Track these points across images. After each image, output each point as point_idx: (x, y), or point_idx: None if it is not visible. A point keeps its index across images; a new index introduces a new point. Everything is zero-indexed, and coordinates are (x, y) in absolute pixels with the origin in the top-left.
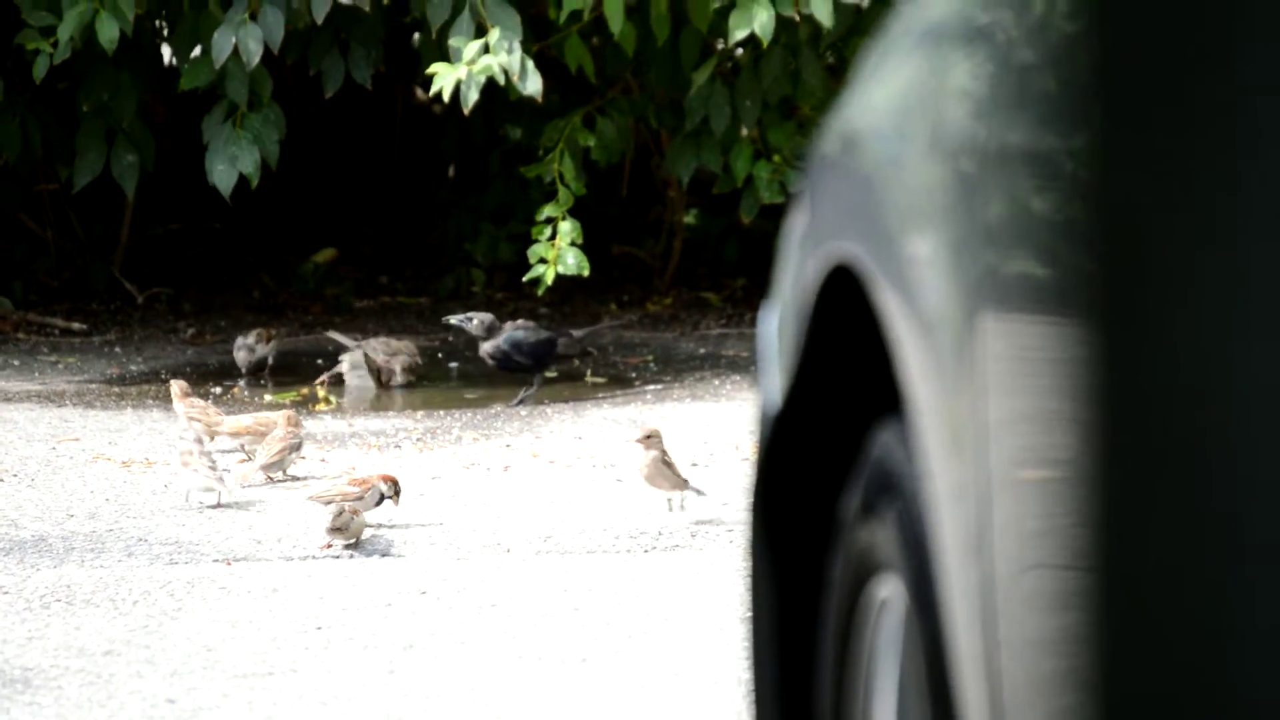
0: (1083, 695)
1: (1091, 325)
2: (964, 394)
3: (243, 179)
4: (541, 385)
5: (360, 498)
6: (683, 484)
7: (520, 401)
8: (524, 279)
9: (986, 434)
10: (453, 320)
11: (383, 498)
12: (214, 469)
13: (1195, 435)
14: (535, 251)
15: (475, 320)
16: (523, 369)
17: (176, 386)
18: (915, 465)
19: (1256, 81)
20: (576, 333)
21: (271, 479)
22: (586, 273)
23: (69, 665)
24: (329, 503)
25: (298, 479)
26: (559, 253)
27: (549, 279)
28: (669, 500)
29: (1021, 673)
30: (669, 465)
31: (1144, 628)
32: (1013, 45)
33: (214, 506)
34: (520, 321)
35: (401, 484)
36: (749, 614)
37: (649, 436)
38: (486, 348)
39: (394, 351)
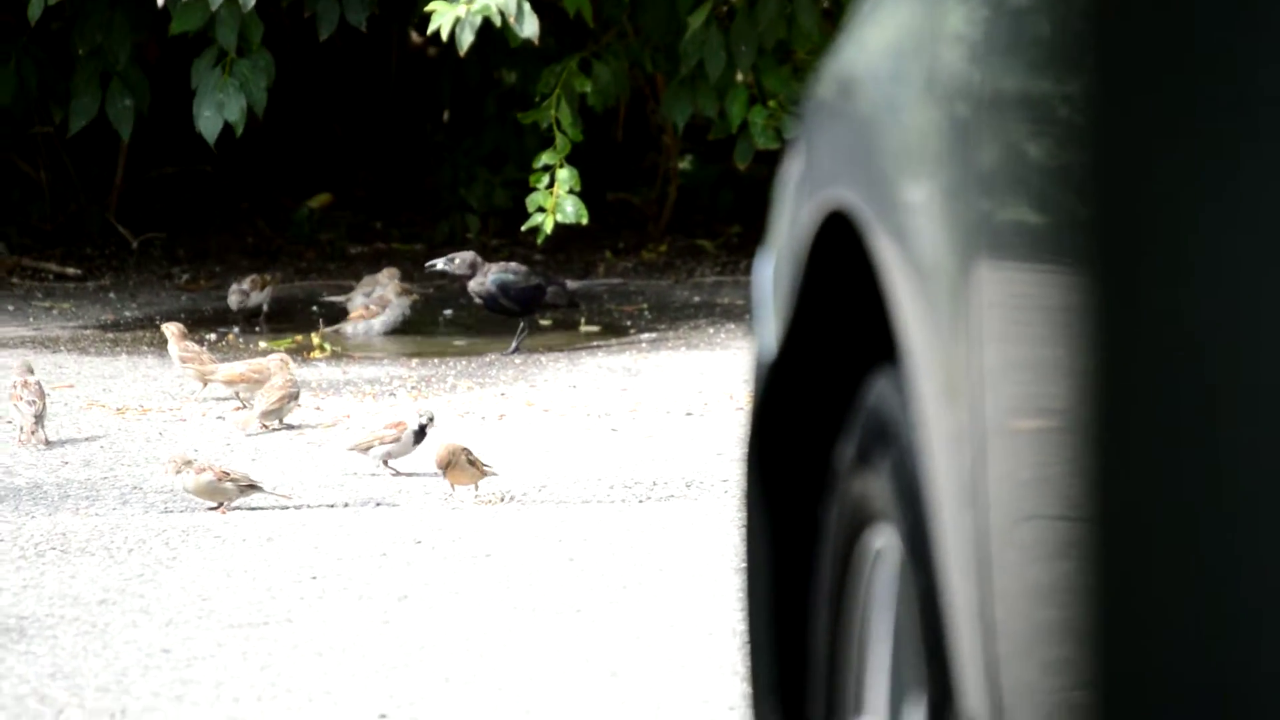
0: (1077, 645)
1: (1087, 272)
2: (959, 342)
3: (228, 126)
4: (531, 331)
5: (397, 439)
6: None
7: (514, 350)
8: (522, 228)
9: (982, 382)
10: (438, 265)
11: (422, 431)
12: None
13: (1191, 383)
14: (533, 200)
15: (458, 260)
16: (509, 312)
17: (174, 328)
18: (910, 414)
19: (1252, 27)
20: (571, 284)
21: (267, 426)
22: (585, 221)
23: (64, 614)
24: (368, 449)
25: (293, 427)
26: (557, 201)
27: (548, 228)
28: (472, 489)
29: (1016, 623)
30: (473, 463)
31: (1139, 578)
32: None
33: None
34: (510, 265)
35: (435, 412)
36: (744, 564)
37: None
38: (473, 286)
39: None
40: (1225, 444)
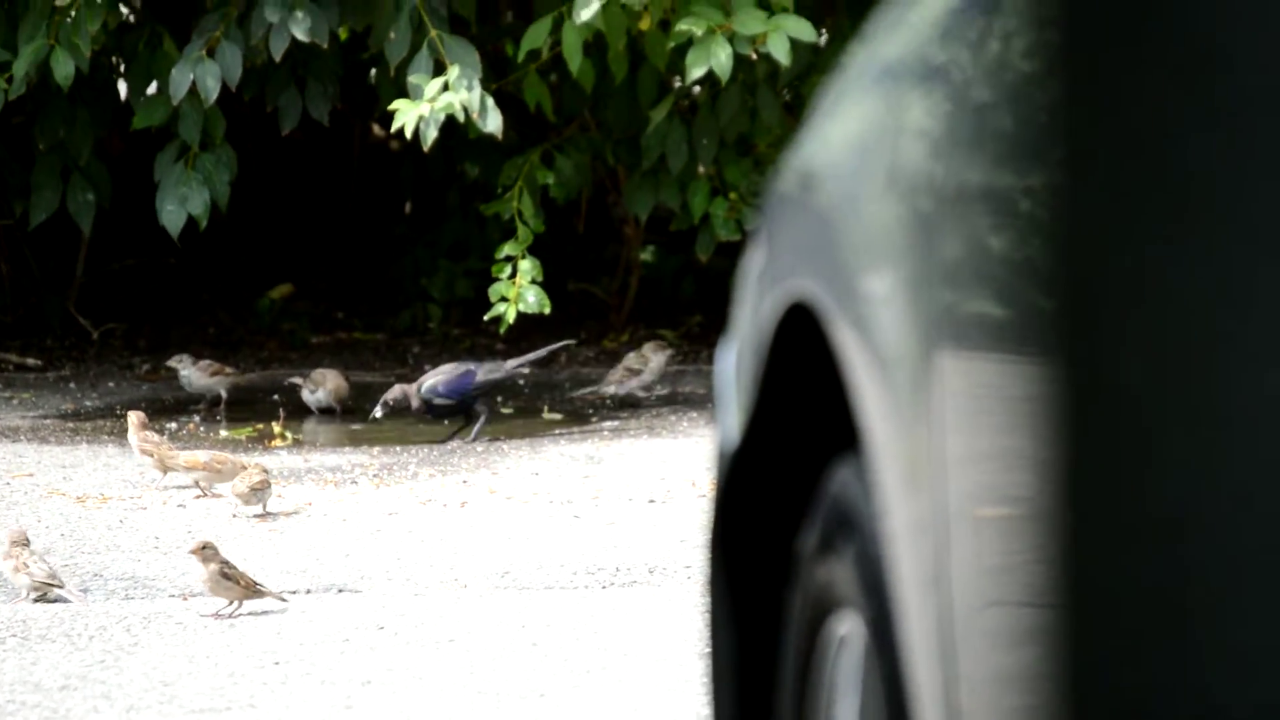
0: None
1: (1049, 363)
2: (921, 431)
3: (192, 220)
4: (488, 417)
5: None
6: (250, 591)
7: (474, 438)
8: (485, 317)
9: (944, 471)
10: (378, 414)
11: None
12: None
13: (1154, 473)
14: (496, 290)
15: (390, 400)
16: (455, 410)
17: (135, 417)
18: (873, 502)
19: (1219, 119)
20: (510, 362)
21: (249, 504)
22: (547, 310)
23: (25, 700)
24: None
25: (272, 514)
26: (519, 291)
27: (510, 318)
28: (230, 604)
29: (981, 709)
30: (229, 577)
31: (1103, 665)
32: (970, 83)
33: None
34: (439, 369)
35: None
36: (707, 650)
37: (204, 548)
38: (415, 408)
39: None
40: (1191, 534)
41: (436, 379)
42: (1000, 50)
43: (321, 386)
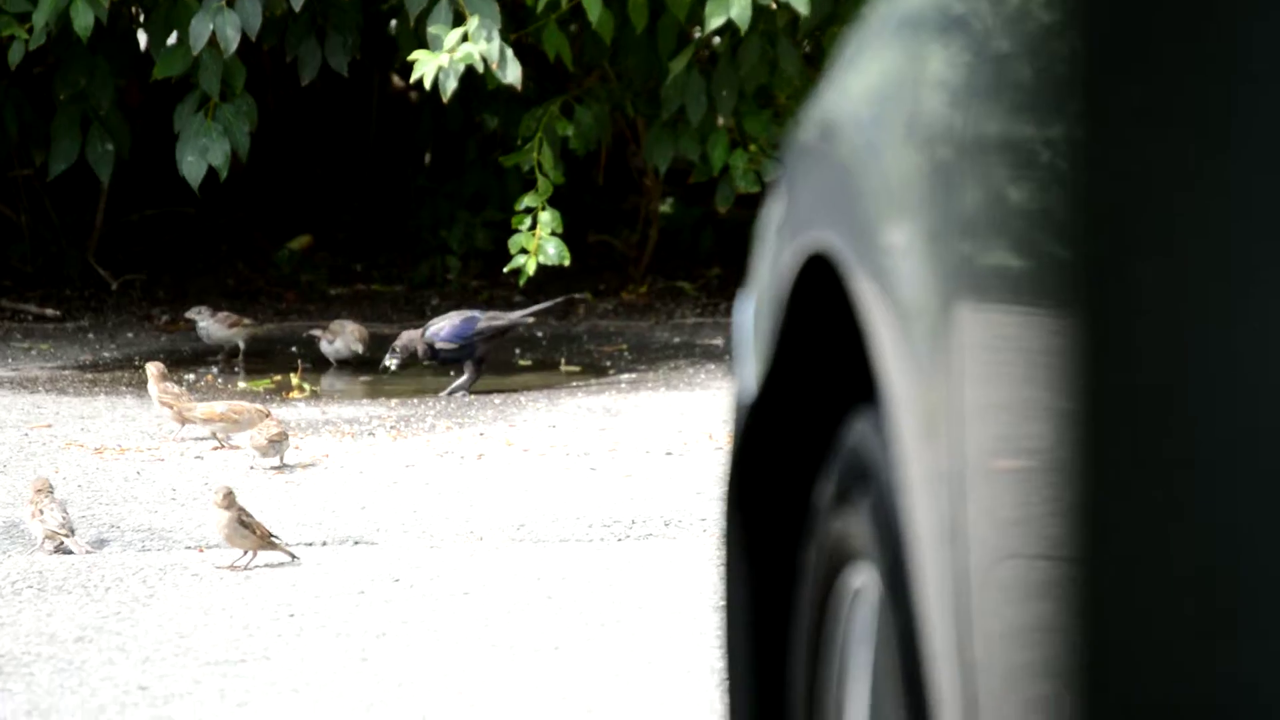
0: (1057, 685)
1: (1068, 314)
2: (939, 382)
3: (212, 170)
4: (481, 370)
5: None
6: (264, 542)
7: (452, 390)
8: (505, 269)
9: (962, 422)
10: (390, 364)
11: None
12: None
13: (1172, 424)
14: (516, 242)
15: (398, 347)
16: (459, 355)
17: (154, 368)
18: (890, 454)
19: (1237, 70)
20: (516, 312)
21: (266, 456)
22: (567, 262)
23: (40, 652)
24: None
25: (289, 467)
26: (539, 243)
27: (530, 269)
28: (245, 554)
29: (996, 663)
30: (246, 525)
31: (1120, 618)
32: (990, 34)
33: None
34: (444, 316)
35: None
36: (722, 603)
37: (226, 494)
38: (421, 353)
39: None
40: (1209, 485)
41: (441, 325)
42: (1020, 0)
43: (340, 336)
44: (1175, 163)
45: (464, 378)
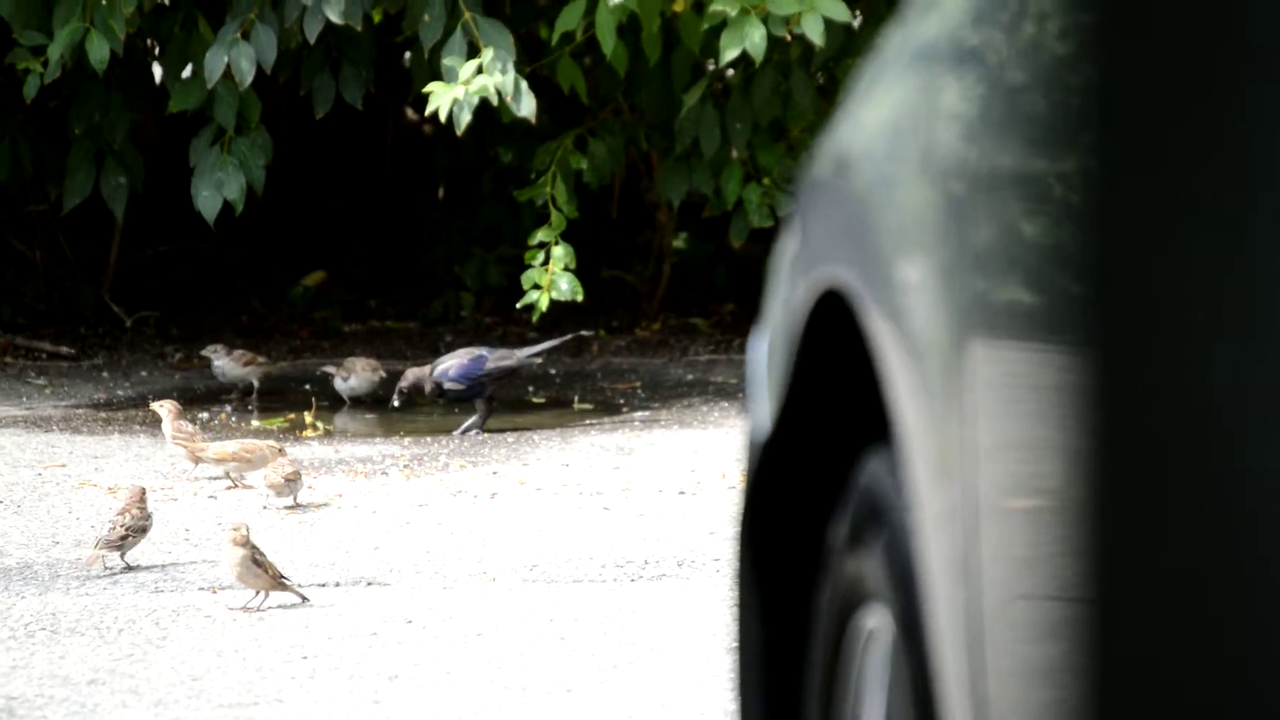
0: None
1: (1081, 352)
2: (953, 421)
3: (228, 205)
4: (492, 408)
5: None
6: (275, 583)
7: (465, 430)
8: (518, 305)
9: (975, 461)
10: (396, 403)
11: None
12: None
13: (1184, 464)
14: (529, 277)
15: (406, 386)
16: (466, 395)
17: (169, 406)
18: (903, 494)
19: (1247, 105)
20: (523, 351)
21: (281, 495)
22: (580, 298)
23: (53, 694)
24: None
25: (302, 506)
26: (552, 278)
27: (543, 305)
28: (257, 595)
29: (1008, 702)
30: (259, 564)
31: (1132, 658)
32: (1004, 67)
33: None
34: (454, 353)
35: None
36: (736, 644)
37: (240, 532)
38: (428, 391)
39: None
40: (1223, 527)
41: (449, 364)
42: (1034, 33)
43: (353, 373)
44: (1190, 197)
45: (475, 416)
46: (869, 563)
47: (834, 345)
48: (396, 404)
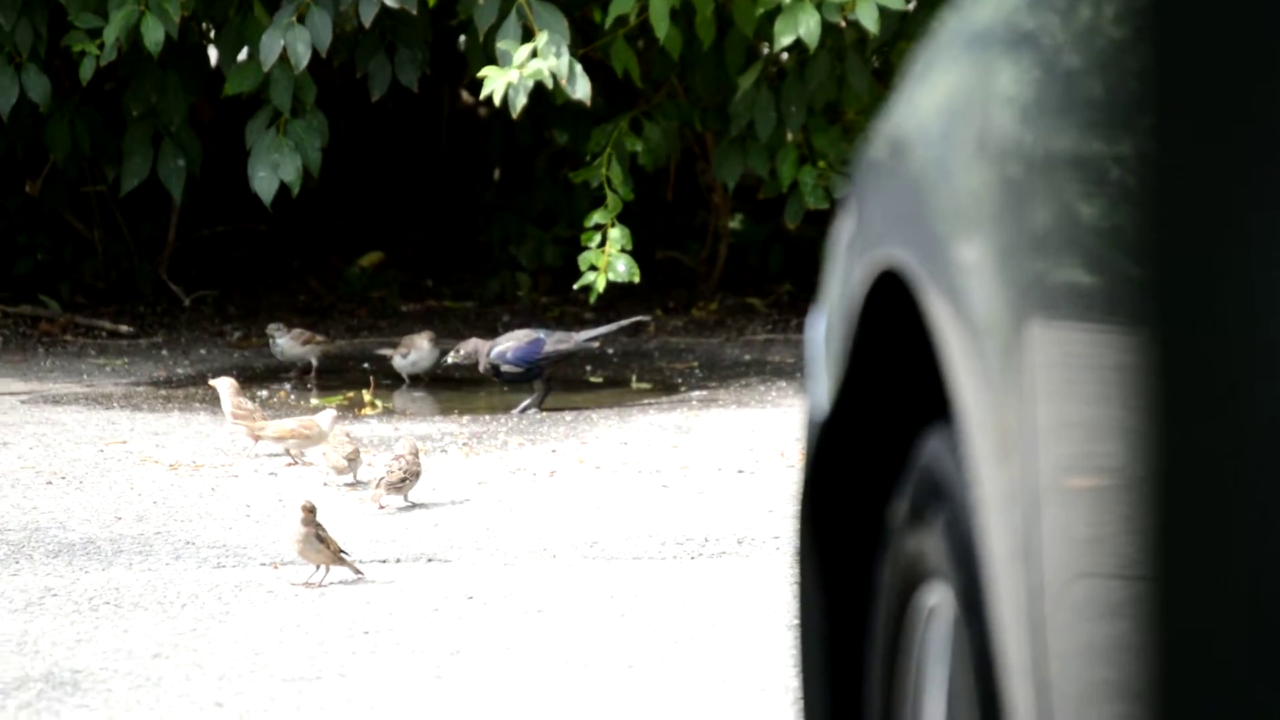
0: (1133, 705)
1: (1140, 332)
2: (1012, 400)
3: (284, 186)
4: (543, 397)
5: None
6: (335, 558)
7: (523, 409)
8: (575, 286)
9: (1035, 441)
10: (448, 359)
11: None
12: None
13: (1245, 442)
14: (585, 259)
15: (463, 351)
16: (521, 378)
17: (227, 384)
18: (963, 472)
19: None
20: (580, 335)
21: (342, 474)
22: (637, 279)
23: (118, 668)
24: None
25: (363, 483)
26: (609, 260)
27: (600, 287)
28: (318, 569)
29: (1071, 681)
30: (321, 539)
31: (1194, 637)
32: (1059, 50)
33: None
34: (512, 334)
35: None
36: (797, 621)
37: (307, 509)
38: (483, 368)
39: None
40: None
41: (506, 345)
42: (1090, 16)
43: (413, 348)
44: (1246, 178)
45: (534, 395)
46: (930, 540)
47: (892, 325)
48: (450, 361)
